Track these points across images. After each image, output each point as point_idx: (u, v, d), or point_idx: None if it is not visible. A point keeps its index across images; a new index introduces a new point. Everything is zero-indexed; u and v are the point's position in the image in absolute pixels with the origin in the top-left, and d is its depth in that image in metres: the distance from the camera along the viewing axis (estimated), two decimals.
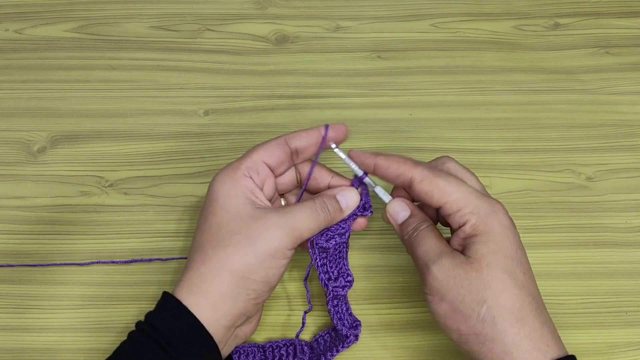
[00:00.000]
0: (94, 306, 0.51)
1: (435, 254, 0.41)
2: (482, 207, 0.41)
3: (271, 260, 0.41)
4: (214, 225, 0.42)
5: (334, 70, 0.64)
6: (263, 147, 0.45)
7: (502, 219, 0.41)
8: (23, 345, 0.49)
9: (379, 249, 0.54)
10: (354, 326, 0.47)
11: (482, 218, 0.41)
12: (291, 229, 0.42)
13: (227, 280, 0.40)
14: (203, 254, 0.41)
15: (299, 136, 0.45)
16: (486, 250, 0.40)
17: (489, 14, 0.68)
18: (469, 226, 0.41)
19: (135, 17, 0.67)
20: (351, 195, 0.46)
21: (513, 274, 0.40)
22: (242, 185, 0.42)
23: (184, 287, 0.41)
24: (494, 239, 0.40)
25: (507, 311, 0.39)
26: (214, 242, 0.41)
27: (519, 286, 0.39)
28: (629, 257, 0.54)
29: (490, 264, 0.40)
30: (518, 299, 0.39)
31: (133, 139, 0.59)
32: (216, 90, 0.62)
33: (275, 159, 0.44)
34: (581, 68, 0.64)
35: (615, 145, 0.60)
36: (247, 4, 0.68)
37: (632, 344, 0.50)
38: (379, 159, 0.44)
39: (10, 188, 0.56)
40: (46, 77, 0.62)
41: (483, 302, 0.39)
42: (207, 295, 0.40)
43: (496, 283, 0.39)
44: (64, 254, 0.53)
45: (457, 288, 0.40)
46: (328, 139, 0.45)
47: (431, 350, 0.49)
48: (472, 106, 0.62)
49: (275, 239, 0.41)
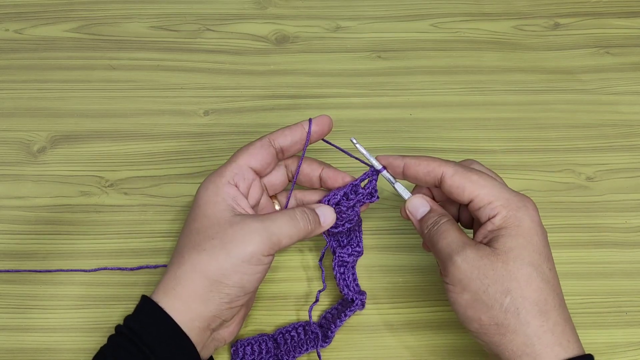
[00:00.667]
0: (94, 306, 0.51)
1: (458, 245, 0.41)
2: (514, 201, 0.42)
3: (246, 266, 0.41)
4: (193, 231, 0.42)
5: (334, 70, 0.64)
6: (248, 151, 0.45)
7: (533, 215, 0.41)
8: (23, 345, 0.49)
9: (379, 249, 0.54)
10: (360, 292, 0.49)
11: (513, 211, 0.41)
12: (268, 234, 0.42)
13: (200, 283, 0.41)
14: (180, 257, 0.42)
15: (283, 135, 0.46)
16: (515, 243, 0.40)
17: (489, 14, 0.68)
18: (499, 218, 0.41)
19: (135, 17, 0.67)
20: (329, 212, 0.46)
21: (540, 268, 0.40)
22: (224, 192, 0.43)
23: (160, 290, 0.41)
24: (524, 233, 0.41)
25: (531, 303, 0.39)
26: (191, 245, 0.42)
27: (544, 280, 0.40)
28: (629, 257, 0.54)
29: (518, 256, 0.40)
30: (543, 292, 0.40)
31: (133, 139, 0.59)
32: (216, 90, 0.62)
33: (261, 162, 0.45)
34: (581, 68, 0.64)
35: (615, 145, 0.60)
36: (247, 4, 0.68)
37: (632, 344, 0.50)
38: (408, 159, 0.45)
39: (10, 188, 0.56)
40: (46, 77, 0.62)
41: (507, 292, 0.39)
42: (180, 297, 0.41)
43: (522, 275, 0.39)
44: (64, 254, 0.53)
45: (482, 278, 0.40)
46: (312, 132, 0.46)
47: (431, 350, 0.49)
48: (472, 106, 0.62)
49: (250, 244, 0.41)
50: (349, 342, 0.50)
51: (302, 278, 0.52)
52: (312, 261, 0.53)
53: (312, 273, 0.53)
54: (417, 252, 0.53)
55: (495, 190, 0.42)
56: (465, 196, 0.42)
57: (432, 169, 0.44)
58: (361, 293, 0.49)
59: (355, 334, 0.50)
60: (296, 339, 0.48)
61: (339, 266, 0.48)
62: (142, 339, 0.39)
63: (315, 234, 0.45)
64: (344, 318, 0.48)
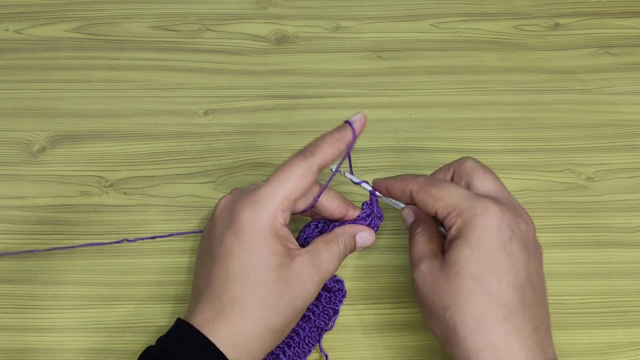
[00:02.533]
0: (94, 306, 0.51)
1: (417, 259, 0.43)
2: (469, 209, 0.40)
3: (305, 306, 0.43)
4: (252, 276, 0.40)
5: (334, 70, 0.64)
6: (295, 182, 0.41)
7: (488, 221, 0.40)
8: (23, 345, 0.49)
9: (379, 249, 0.54)
10: (337, 280, 0.49)
11: (466, 220, 0.40)
12: (322, 279, 0.43)
13: (270, 339, 0.41)
14: (243, 309, 0.40)
15: (330, 155, 0.42)
16: (458, 256, 0.40)
17: (489, 14, 0.68)
18: (454, 229, 0.41)
19: (135, 17, 0.67)
20: (368, 236, 0.47)
21: (482, 280, 0.39)
22: (281, 237, 0.41)
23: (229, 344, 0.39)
24: (470, 243, 0.39)
25: (469, 318, 0.38)
26: (259, 302, 0.40)
27: (486, 293, 0.38)
28: (629, 257, 0.54)
29: (459, 270, 0.39)
30: (482, 306, 0.38)
31: (133, 139, 0.59)
32: (216, 90, 0.62)
33: (304, 192, 0.42)
34: (581, 68, 0.64)
35: (615, 145, 0.60)
36: (247, 4, 0.68)
37: (632, 344, 0.50)
38: (388, 181, 0.46)
39: (10, 188, 0.56)
40: (46, 77, 0.62)
41: (447, 308, 0.39)
42: (250, 353, 0.40)
43: (461, 290, 0.39)
44: (64, 254, 0.53)
45: (429, 293, 0.41)
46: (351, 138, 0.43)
47: (431, 350, 0.49)
48: (472, 106, 0.62)
49: (310, 296, 0.42)
50: (348, 342, 0.50)
51: None
52: None
53: None
54: None
55: (453, 200, 0.41)
56: (430, 211, 0.43)
57: (403, 187, 0.45)
58: (338, 281, 0.49)
59: (354, 334, 0.50)
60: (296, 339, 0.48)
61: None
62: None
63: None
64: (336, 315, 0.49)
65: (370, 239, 0.47)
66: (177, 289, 0.51)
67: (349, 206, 0.47)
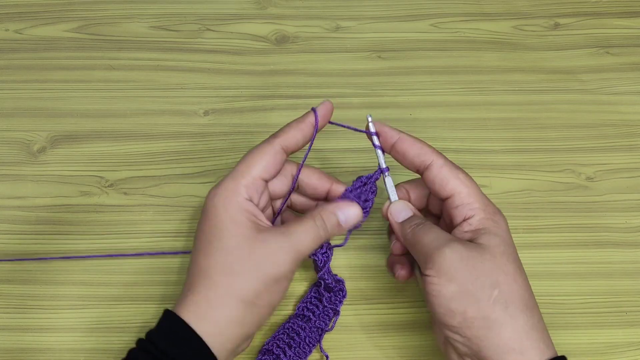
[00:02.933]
0: (94, 306, 0.51)
1: (445, 239, 0.41)
2: (490, 206, 0.43)
3: (276, 285, 0.41)
4: (220, 250, 0.41)
5: (334, 70, 0.64)
6: (262, 162, 0.43)
7: (506, 226, 0.43)
8: (23, 345, 0.49)
9: (378, 249, 0.54)
10: (338, 280, 0.49)
11: (490, 215, 0.43)
12: (295, 252, 0.42)
13: (235, 307, 0.40)
14: (209, 279, 0.41)
15: (294, 137, 0.44)
16: (499, 241, 0.41)
17: (489, 14, 0.68)
18: (477, 219, 0.42)
19: (135, 17, 0.67)
20: (353, 211, 0.45)
21: (520, 268, 0.41)
22: (245, 211, 0.42)
23: (190, 311, 0.40)
24: (502, 236, 0.42)
25: (519, 298, 0.39)
26: (220, 268, 0.41)
27: (524, 279, 0.41)
28: (629, 257, 0.54)
29: (503, 253, 0.41)
30: (527, 290, 0.40)
31: (133, 139, 0.59)
32: (216, 90, 0.62)
33: (273, 173, 0.44)
34: (581, 68, 0.64)
35: (615, 145, 0.60)
36: (247, 4, 0.68)
37: (632, 344, 0.50)
38: (404, 135, 0.45)
39: (10, 188, 0.56)
40: (46, 77, 0.62)
41: (496, 285, 0.39)
42: (215, 322, 0.40)
43: (509, 270, 0.40)
44: (64, 254, 0.53)
45: (470, 269, 0.40)
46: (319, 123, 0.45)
47: (431, 350, 0.49)
48: (472, 106, 0.62)
49: (281, 265, 0.41)
50: (348, 342, 0.50)
51: (300, 278, 0.52)
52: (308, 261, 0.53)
53: (301, 274, 0.52)
54: None
55: (476, 193, 0.43)
56: (447, 190, 0.43)
57: (424, 152, 0.44)
58: (339, 281, 0.49)
59: (354, 334, 0.50)
60: (296, 339, 0.48)
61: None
62: (170, 358, 0.38)
63: (336, 235, 0.45)
64: (337, 316, 0.49)
65: (356, 215, 0.45)
66: (176, 289, 0.51)
67: (332, 180, 0.47)
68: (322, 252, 0.47)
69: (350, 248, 0.53)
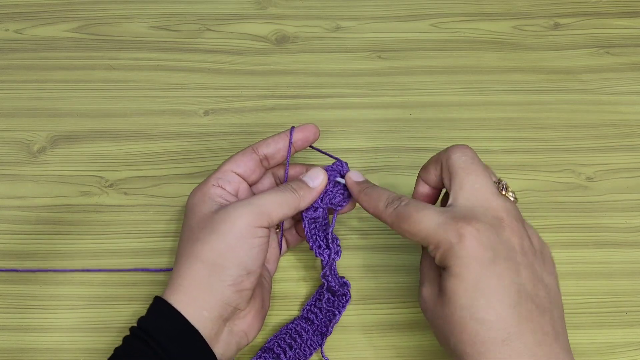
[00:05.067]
0: (94, 306, 0.51)
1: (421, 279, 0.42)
2: (444, 239, 0.39)
3: (240, 241, 0.41)
4: (186, 230, 0.44)
5: (334, 70, 0.64)
6: (231, 159, 0.47)
7: (465, 250, 0.38)
8: (23, 345, 0.49)
9: (379, 249, 0.54)
10: (344, 283, 0.49)
11: (445, 252, 0.39)
12: (257, 207, 0.42)
13: (199, 270, 0.41)
14: (178, 255, 0.43)
15: (266, 143, 0.47)
16: (447, 287, 0.39)
17: (489, 14, 0.68)
18: (437, 260, 0.40)
19: (135, 17, 0.67)
20: (317, 174, 0.46)
21: (472, 309, 0.38)
22: (210, 193, 0.45)
23: (167, 288, 0.42)
24: (454, 274, 0.38)
25: (470, 347, 0.38)
26: (186, 241, 0.43)
27: (478, 322, 0.37)
28: (629, 257, 0.54)
29: (449, 301, 0.38)
30: (477, 335, 0.37)
31: (133, 139, 0.59)
32: (216, 90, 0.62)
33: (244, 167, 0.47)
34: (581, 68, 0.64)
35: (615, 145, 0.60)
36: (247, 4, 0.68)
37: (632, 344, 0.50)
38: (362, 194, 0.45)
39: (10, 188, 0.56)
40: (46, 77, 0.62)
41: (450, 335, 0.39)
42: (185, 290, 0.41)
43: (455, 320, 0.38)
44: (64, 254, 0.53)
45: (431, 318, 0.41)
46: (296, 140, 0.47)
47: (432, 350, 0.49)
48: (472, 106, 0.62)
49: (238, 218, 0.42)
50: (348, 342, 0.50)
51: (299, 278, 0.52)
52: (310, 261, 0.53)
53: (308, 273, 0.53)
54: (418, 252, 0.53)
55: (425, 232, 0.40)
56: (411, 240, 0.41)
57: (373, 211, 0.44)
58: (345, 283, 0.49)
59: (354, 334, 0.50)
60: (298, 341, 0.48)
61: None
62: (154, 338, 0.39)
63: (307, 200, 0.45)
64: (338, 316, 0.49)
65: (320, 176, 0.46)
66: None
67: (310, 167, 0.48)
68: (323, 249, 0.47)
69: (350, 248, 0.53)
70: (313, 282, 0.52)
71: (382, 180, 0.56)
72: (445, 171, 0.43)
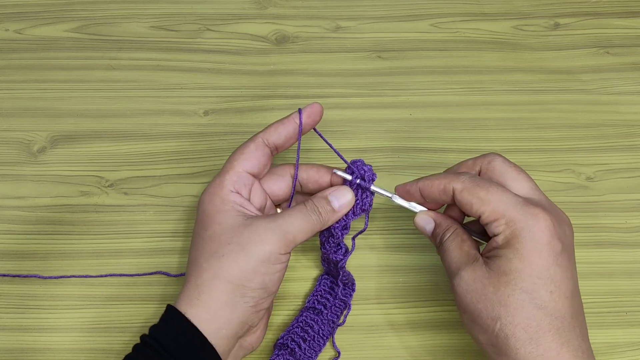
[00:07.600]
0: (94, 306, 0.51)
1: (456, 266, 0.42)
2: (519, 219, 0.40)
3: (266, 266, 0.41)
4: (207, 239, 0.42)
5: (334, 70, 0.64)
6: (243, 155, 0.45)
7: (539, 234, 0.39)
8: (23, 345, 0.49)
9: (379, 249, 0.54)
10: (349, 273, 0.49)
11: (516, 231, 0.40)
12: (283, 233, 0.42)
13: (223, 289, 0.40)
14: (198, 266, 0.42)
15: (276, 132, 0.46)
16: (510, 267, 0.39)
17: (489, 14, 0.68)
18: (501, 237, 0.40)
19: (135, 17, 0.67)
20: (344, 194, 0.45)
21: (534, 294, 0.39)
22: (230, 201, 0.43)
23: (183, 300, 0.41)
24: (522, 255, 0.39)
25: (521, 330, 0.38)
26: (208, 254, 0.41)
27: (537, 307, 0.38)
28: (629, 257, 0.54)
29: (510, 282, 0.39)
30: (534, 319, 0.38)
31: (133, 139, 0.59)
32: (216, 90, 0.62)
33: (257, 165, 0.45)
34: (581, 68, 0.64)
35: (615, 145, 0.60)
36: (247, 4, 0.68)
37: (632, 344, 0.50)
38: (421, 182, 0.44)
39: (10, 188, 0.56)
40: (46, 77, 0.62)
41: (497, 318, 0.39)
42: (206, 306, 0.40)
43: (512, 302, 0.39)
44: (64, 254, 0.53)
45: (475, 302, 0.40)
46: (305, 123, 0.46)
47: (433, 350, 0.49)
48: (472, 106, 0.62)
49: (267, 243, 0.41)
50: (350, 342, 0.50)
51: (299, 278, 0.52)
52: (310, 261, 0.53)
53: (309, 273, 0.52)
54: (418, 251, 0.53)
55: (502, 207, 0.40)
56: (474, 213, 0.42)
57: (443, 186, 0.43)
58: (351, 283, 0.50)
59: (356, 333, 0.50)
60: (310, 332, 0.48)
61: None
62: (168, 350, 0.39)
63: (330, 223, 0.45)
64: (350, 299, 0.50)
65: (348, 199, 0.45)
66: (176, 289, 0.51)
67: (330, 169, 0.47)
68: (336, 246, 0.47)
69: (360, 247, 0.53)
70: (313, 282, 0.52)
71: (382, 180, 0.56)
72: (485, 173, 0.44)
